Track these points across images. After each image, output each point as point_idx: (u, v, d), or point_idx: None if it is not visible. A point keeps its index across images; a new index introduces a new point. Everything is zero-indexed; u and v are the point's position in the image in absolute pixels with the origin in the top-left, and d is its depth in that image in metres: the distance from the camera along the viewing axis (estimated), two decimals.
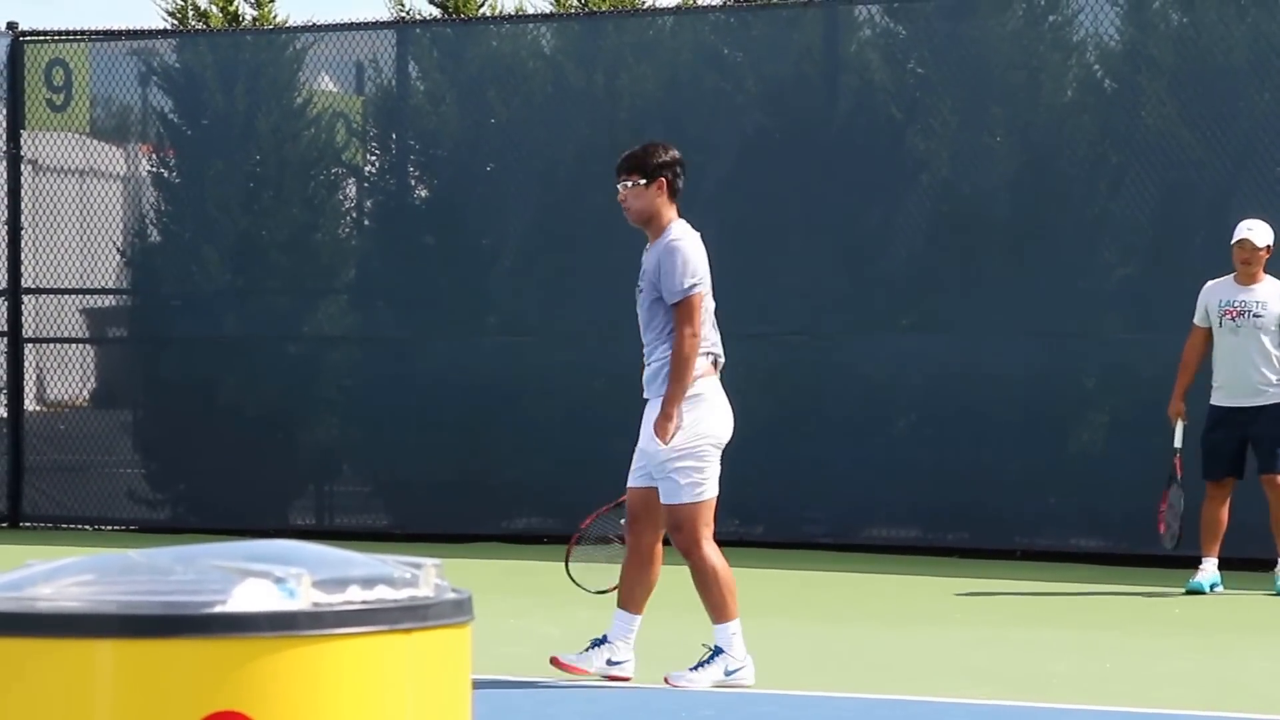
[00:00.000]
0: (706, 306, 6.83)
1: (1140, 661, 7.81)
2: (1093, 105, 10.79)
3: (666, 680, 6.88)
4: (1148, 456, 10.57)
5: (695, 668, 6.85)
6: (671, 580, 7.26)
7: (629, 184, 6.90)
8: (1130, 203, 10.66)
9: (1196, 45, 10.54)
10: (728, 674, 6.81)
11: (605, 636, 6.94)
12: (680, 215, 6.92)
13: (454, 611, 2.72)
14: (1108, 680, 7.32)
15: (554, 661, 6.97)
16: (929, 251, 11.10)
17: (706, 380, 6.80)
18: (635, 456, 6.87)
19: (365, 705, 2.65)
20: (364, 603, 2.66)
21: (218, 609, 2.60)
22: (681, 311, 6.77)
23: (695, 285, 6.77)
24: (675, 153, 6.95)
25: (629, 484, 6.90)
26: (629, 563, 6.92)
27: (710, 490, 6.81)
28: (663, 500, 6.81)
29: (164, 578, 2.69)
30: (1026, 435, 10.81)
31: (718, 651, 6.83)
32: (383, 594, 2.69)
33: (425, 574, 2.74)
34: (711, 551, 6.80)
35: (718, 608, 6.79)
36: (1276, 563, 9.77)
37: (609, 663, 6.91)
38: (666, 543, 6.94)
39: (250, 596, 2.61)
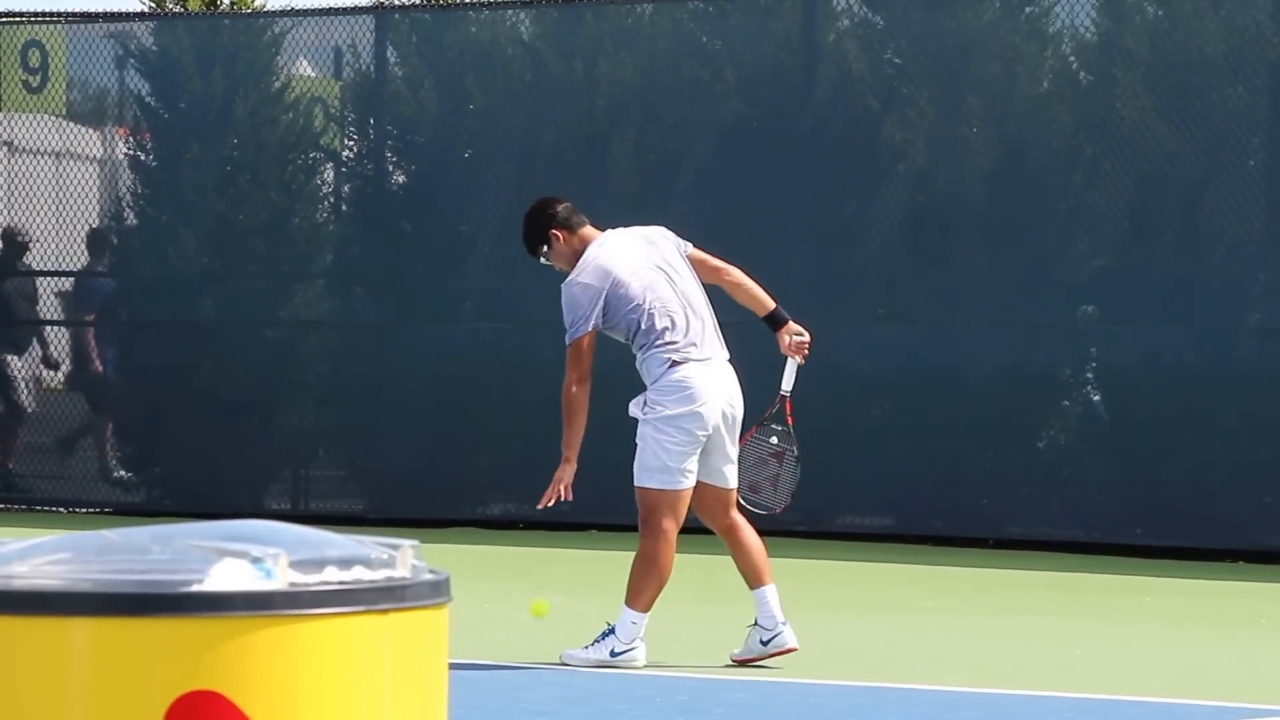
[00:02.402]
0: (646, 307, 6.83)
1: (1110, 649, 7.86)
2: (1068, 97, 10.83)
3: (560, 657, 6.95)
4: (1119, 447, 10.62)
5: (589, 645, 6.91)
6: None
7: (543, 258, 7.05)
8: (1105, 194, 10.70)
9: (1171, 38, 10.58)
10: (614, 655, 6.87)
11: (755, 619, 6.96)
12: (594, 228, 7.02)
13: (431, 593, 2.74)
14: (1078, 667, 7.36)
15: (735, 661, 6.98)
16: (904, 241, 11.13)
17: (677, 371, 6.83)
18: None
19: (342, 685, 2.67)
20: (341, 583, 2.68)
21: (194, 588, 2.61)
22: (567, 355, 6.89)
23: (574, 330, 6.85)
24: (545, 201, 7.08)
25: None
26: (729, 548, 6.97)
27: (677, 480, 6.83)
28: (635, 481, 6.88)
29: (141, 557, 2.70)
30: (1000, 425, 10.85)
31: (610, 630, 6.89)
32: (360, 575, 2.70)
33: (402, 555, 2.76)
34: (666, 542, 6.83)
35: (636, 593, 6.86)
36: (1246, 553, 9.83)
37: (762, 643, 6.93)
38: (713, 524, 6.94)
39: (227, 576, 2.63)
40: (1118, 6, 10.75)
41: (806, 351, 7.02)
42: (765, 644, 6.93)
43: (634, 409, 6.92)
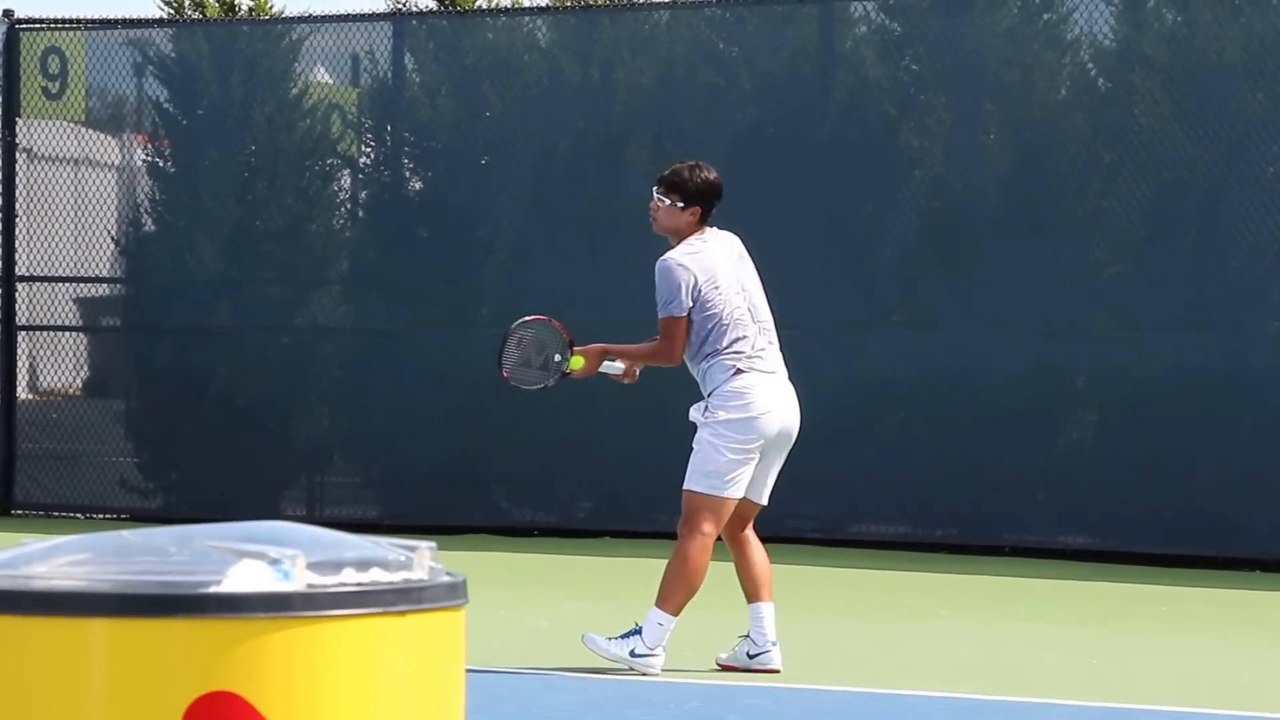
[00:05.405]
0: (724, 317, 6.91)
1: (1127, 657, 7.84)
2: (1086, 104, 10.82)
3: (582, 638, 6.97)
4: (1136, 455, 10.60)
5: (614, 637, 6.92)
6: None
7: (666, 201, 7.05)
8: (1122, 201, 10.69)
9: (1190, 45, 10.56)
10: (633, 655, 6.88)
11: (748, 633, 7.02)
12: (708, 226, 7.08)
13: (448, 594, 2.74)
14: (1094, 676, 7.35)
15: (720, 665, 7.02)
16: (920, 248, 11.12)
17: (740, 379, 6.87)
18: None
19: (359, 687, 2.67)
20: (358, 585, 2.68)
21: (213, 589, 2.62)
22: (660, 328, 6.98)
23: (668, 307, 6.93)
24: (719, 179, 7.08)
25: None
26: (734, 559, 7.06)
27: (725, 489, 6.85)
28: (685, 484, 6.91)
29: (159, 558, 2.71)
30: (1015, 432, 10.84)
31: (636, 630, 6.90)
32: (377, 576, 2.71)
33: (420, 557, 2.76)
34: (701, 547, 6.84)
35: (666, 595, 6.87)
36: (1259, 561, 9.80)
37: (748, 655, 6.98)
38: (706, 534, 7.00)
39: (245, 577, 2.63)
40: (1136, 13, 10.74)
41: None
42: (751, 657, 6.99)
43: (694, 414, 6.97)
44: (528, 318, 7.36)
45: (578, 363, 7.17)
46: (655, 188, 7.10)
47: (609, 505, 11.84)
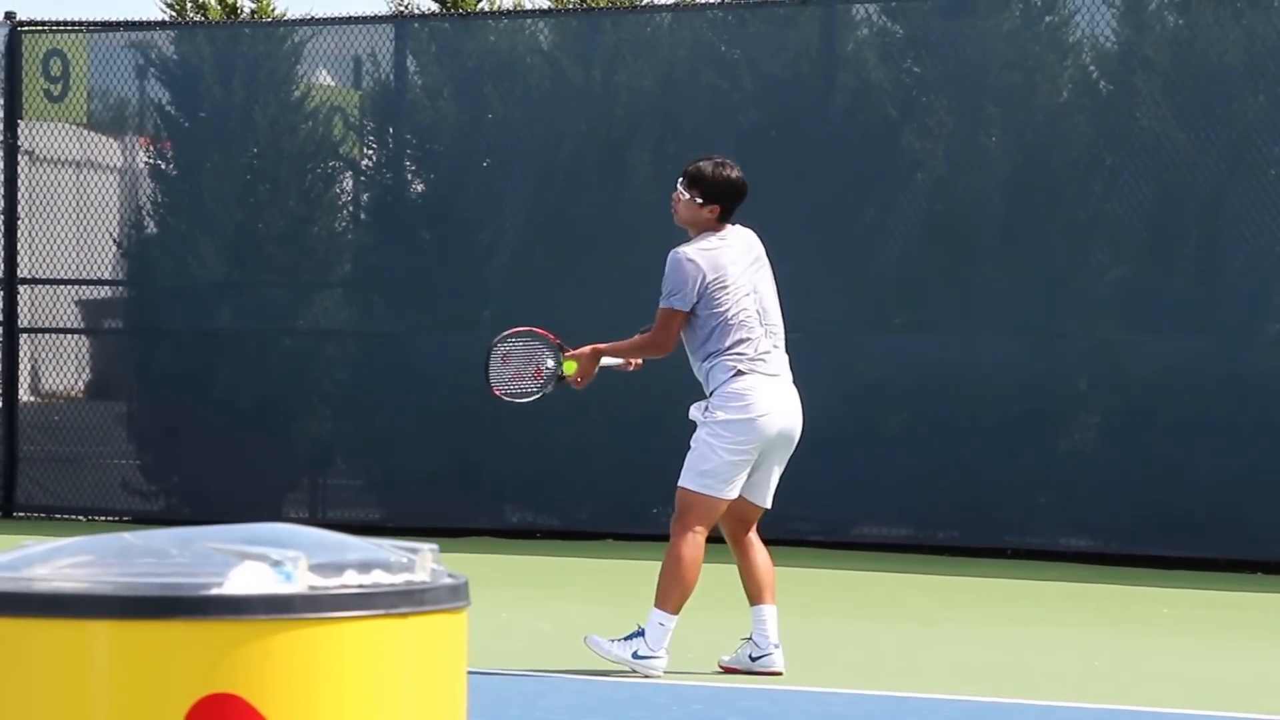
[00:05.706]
0: (730, 317, 6.90)
1: (1128, 659, 7.84)
2: (1088, 106, 10.82)
3: (585, 639, 6.98)
4: (1138, 457, 10.60)
5: (617, 639, 6.94)
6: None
7: (686, 195, 7.04)
8: (1124, 204, 10.69)
9: (1192, 47, 10.57)
10: (636, 657, 6.89)
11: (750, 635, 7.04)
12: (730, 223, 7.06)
13: (450, 597, 2.74)
14: (1096, 678, 7.36)
15: (722, 667, 7.03)
16: (922, 250, 11.13)
17: (742, 380, 6.87)
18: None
19: (361, 689, 2.67)
20: (360, 587, 2.68)
21: (214, 591, 2.62)
22: (657, 316, 6.97)
23: (669, 299, 6.91)
24: (741, 179, 7.04)
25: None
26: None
27: (719, 489, 6.85)
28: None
29: (161, 560, 2.71)
30: (1018, 434, 10.84)
31: (639, 632, 6.91)
32: (379, 578, 2.71)
33: (422, 559, 2.76)
34: (693, 544, 6.85)
35: (664, 594, 6.88)
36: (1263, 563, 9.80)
37: (751, 658, 6.99)
38: (717, 539, 7.03)
39: (247, 579, 2.63)
40: (1138, 16, 10.74)
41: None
42: (754, 660, 6.99)
43: (695, 412, 6.97)
44: (508, 332, 7.34)
45: (570, 367, 7.17)
46: (679, 179, 7.11)
47: (611, 507, 11.85)
